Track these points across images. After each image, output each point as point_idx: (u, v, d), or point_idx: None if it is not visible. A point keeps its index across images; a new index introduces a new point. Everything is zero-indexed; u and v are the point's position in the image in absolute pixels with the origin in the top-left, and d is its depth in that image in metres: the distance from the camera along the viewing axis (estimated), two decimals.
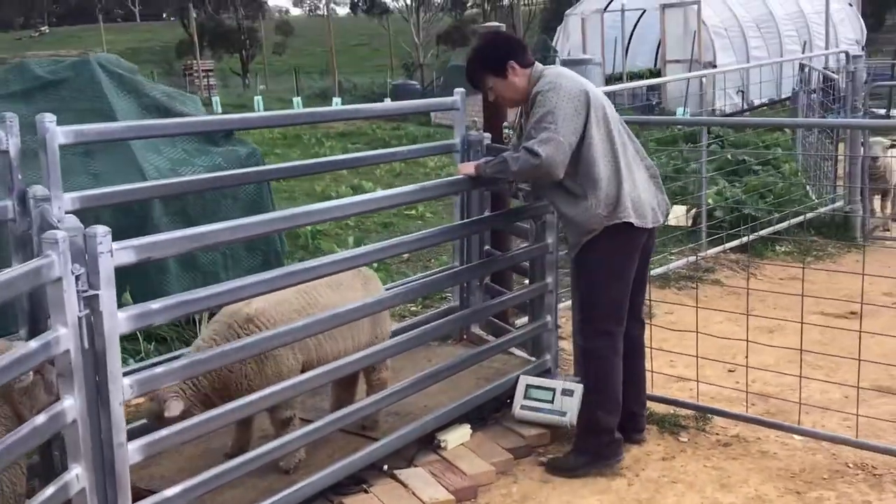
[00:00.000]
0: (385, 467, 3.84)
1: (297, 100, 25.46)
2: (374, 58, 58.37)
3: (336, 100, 24.70)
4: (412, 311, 6.15)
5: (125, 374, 2.65)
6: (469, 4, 66.16)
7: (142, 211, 5.21)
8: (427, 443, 4.07)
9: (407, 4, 49.31)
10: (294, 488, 3.39)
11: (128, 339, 4.93)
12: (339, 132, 17.71)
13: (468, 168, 4.09)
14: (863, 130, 7.87)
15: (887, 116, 15.07)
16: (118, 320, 2.58)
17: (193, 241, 2.85)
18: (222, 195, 5.79)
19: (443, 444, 4.06)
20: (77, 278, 2.47)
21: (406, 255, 7.46)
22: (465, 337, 5.20)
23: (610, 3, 22.58)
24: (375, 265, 6.75)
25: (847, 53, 8.59)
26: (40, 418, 2.38)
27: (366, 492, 3.68)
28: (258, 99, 24.91)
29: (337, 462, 3.57)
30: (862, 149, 7.90)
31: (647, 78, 20.33)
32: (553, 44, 23.57)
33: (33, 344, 2.33)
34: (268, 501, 3.29)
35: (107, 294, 2.52)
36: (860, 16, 25.80)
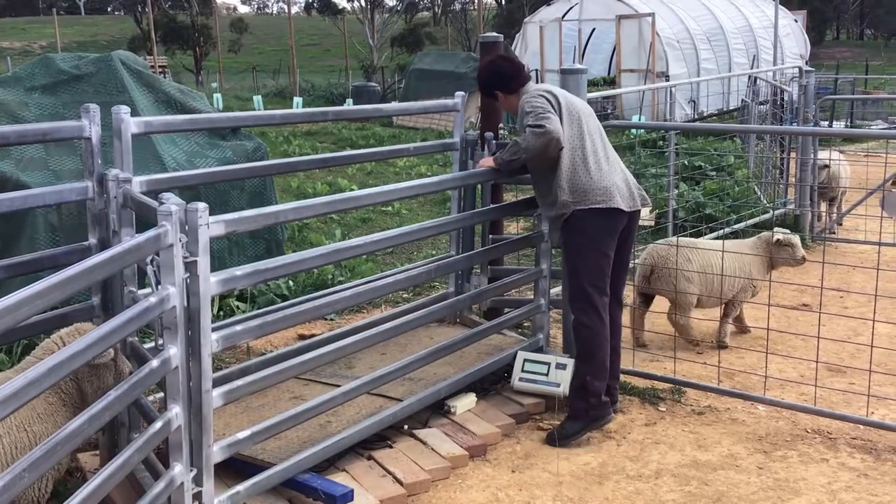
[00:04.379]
0: (405, 427, 4.31)
1: (257, 98, 25.69)
2: (325, 58, 58.58)
3: (297, 100, 24.98)
4: (405, 298, 6.62)
5: (213, 330, 3.09)
6: (420, 8, 66.67)
7: None
8: (438, 408, 4.56)
9: (362, 6, 49.66)
10: (330, 441, 3.85)
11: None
12: (305, 131, 18.07)
13: (488, 161, 4.68)
14: (814, 138, 8.54)
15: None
16: (210, 283, 3.02)
17: (269, 218, 3.32)
18: (231, 186, 6.21)
19: (452, 410, 4.55)
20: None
21: (390, 249, 7.92)
22: (458, 320, 5.69)
23: (567, 12, 23.26)
24: (364, 256, 7.23)
25: (800, 68, 9.26)
26: (155, 362, 2.81)
27: (390, 447, 4.16)
28: (217, 97, 25.12)
29: (366, 419, 4.04)
30: (812, 155, 8.55)
31: (601, 86, 21.07)
32: (513, 50, 24.15)
33: (153, 299, 2.75)
34: (308, 452, 3.75)
35: (203, 260, 2.96)
36: (804, 31, 26.88)
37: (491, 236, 5.44)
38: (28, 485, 2.19)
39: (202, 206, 2.94)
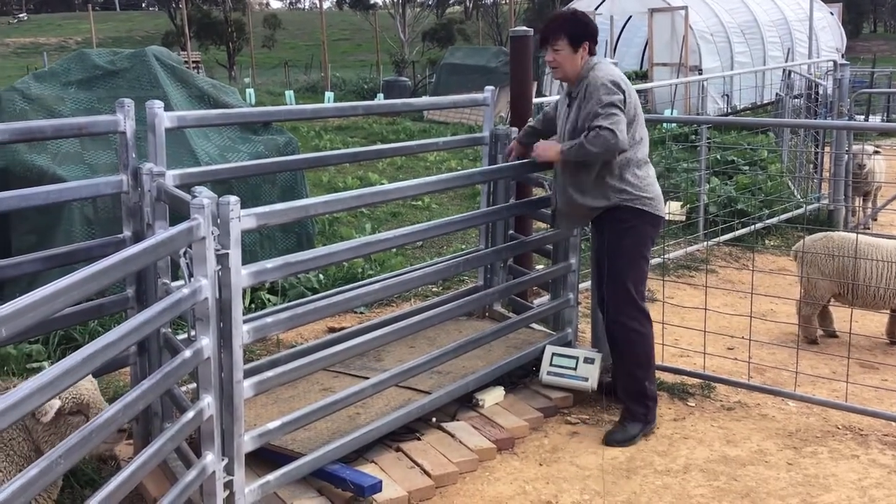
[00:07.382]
0: (433, 419, 4.34)
1: (289, 93, 25.82)
2: (356, 53, 58.67)
3: (328, 94, 25.08)
4: (434, 292, 6.65)
5: (244, 322, 3.13)
6: (452, 3, 66.60)
7: None
8: (466, 402, 4.58)
9: (393, 1, 49.69)
10: (359, 433, 3.88)
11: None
12: (336, 126, 18.14)
13: (550, 152, 4.40)
14: (848, 133, 8.45)
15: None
16: (241, 276, 3.06)
17: (299, 211, 3.35)
18: (263, 180, 6.27)
19: (480, 403, 4.57)
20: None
21: (420, 243, 7.95)
22: (486, 314, 5.70)
23: (599, 5, 23.12)
24: (394, 250, 7.26)
25: (835, 62, 9.16)
26: (187, 353, 2.86)
27: (419, 439, 4.19)
28: (250, 92, 25.26)
29: (395, 412, 4.07)
30: (846, 150, 8.46)
31: (633, 79, 20.95)
32: None
33: (185, 291, 2.80)
34: (337, 443, 3.78)
35: (234, 253, 3.00)
36: (840, 24, 26.53)
37: (512, 233, 5.43)
38: (63, 472, 2.24)
39: (234, 199, 2.98)
